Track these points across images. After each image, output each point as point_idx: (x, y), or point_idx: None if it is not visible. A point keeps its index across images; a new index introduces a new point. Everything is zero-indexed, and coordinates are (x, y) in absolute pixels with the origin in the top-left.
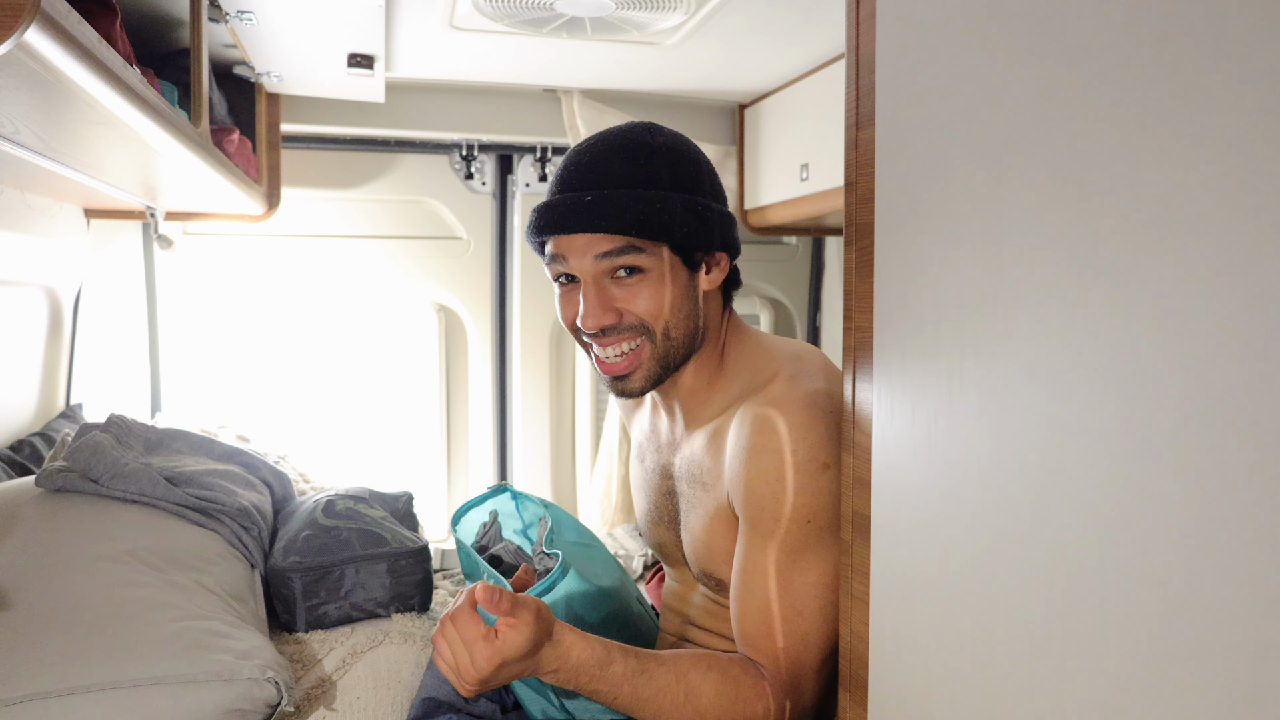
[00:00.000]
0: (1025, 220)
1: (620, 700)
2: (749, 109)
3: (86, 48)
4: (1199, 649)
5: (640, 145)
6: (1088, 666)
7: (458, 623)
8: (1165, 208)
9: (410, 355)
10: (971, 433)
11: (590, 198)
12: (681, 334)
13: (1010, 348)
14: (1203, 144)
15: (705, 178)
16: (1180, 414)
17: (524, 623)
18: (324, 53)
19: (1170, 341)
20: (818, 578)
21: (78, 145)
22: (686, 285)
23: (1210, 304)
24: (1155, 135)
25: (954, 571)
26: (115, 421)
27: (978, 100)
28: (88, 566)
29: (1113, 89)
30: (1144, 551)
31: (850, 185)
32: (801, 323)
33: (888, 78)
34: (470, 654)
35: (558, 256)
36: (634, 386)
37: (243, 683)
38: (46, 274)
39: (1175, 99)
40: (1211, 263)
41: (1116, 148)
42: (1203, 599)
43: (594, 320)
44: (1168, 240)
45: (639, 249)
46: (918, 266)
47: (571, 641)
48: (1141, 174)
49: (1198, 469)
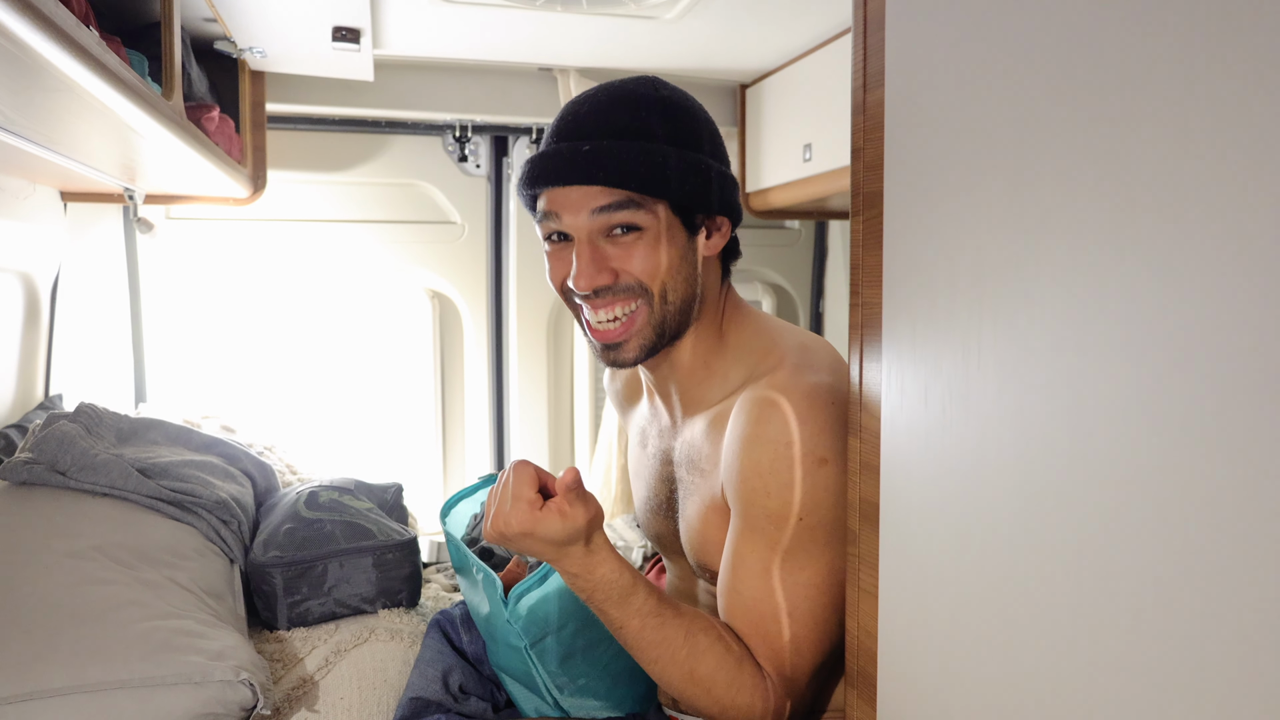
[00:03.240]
0: (1051, 181)
1: (625, 632)
2: (750, 89)
3: (31, 3)
4: (1243, 647)
5: (643, 98)
6: (1117, 665)
7: (517, 475)
8: (1207, 166)
9: (404, 343)
10: (990, 412)
11: (589, 148)
12: (679, 298)
13: (1034, 318)
14: (1252, 102)
15: (709, 137)
16: (1221, 391)
17: (573, 516)
18: (307, 26)
19: (1211, 310)
20: (809, 578)
21: (44, 119)
22: (685, 247)
23: (1252, 268)
24: (1202, 89)
25: (970, 563)
26: (85, 411)
27: (1001, 53)
28: (52, 564)
29: (1153, 39)
30: (1180, 541)
31: (857, 152)
32: (804, 309)
33: (899, 33)
34: (510, 509)
35: (550, 214)
36: (627, 356)
37: (214, 685)
38: (21, 259)
39: (1225, 50)
40: (1256, 225)
41: (1156, 102)
42: (1246, 593)
43: (588, 280)
44: (1212, 201)
45: (638, 204)
46: (931, 235)
47: (605, 557)
48: (1183, 130)
49: (1239, 451)
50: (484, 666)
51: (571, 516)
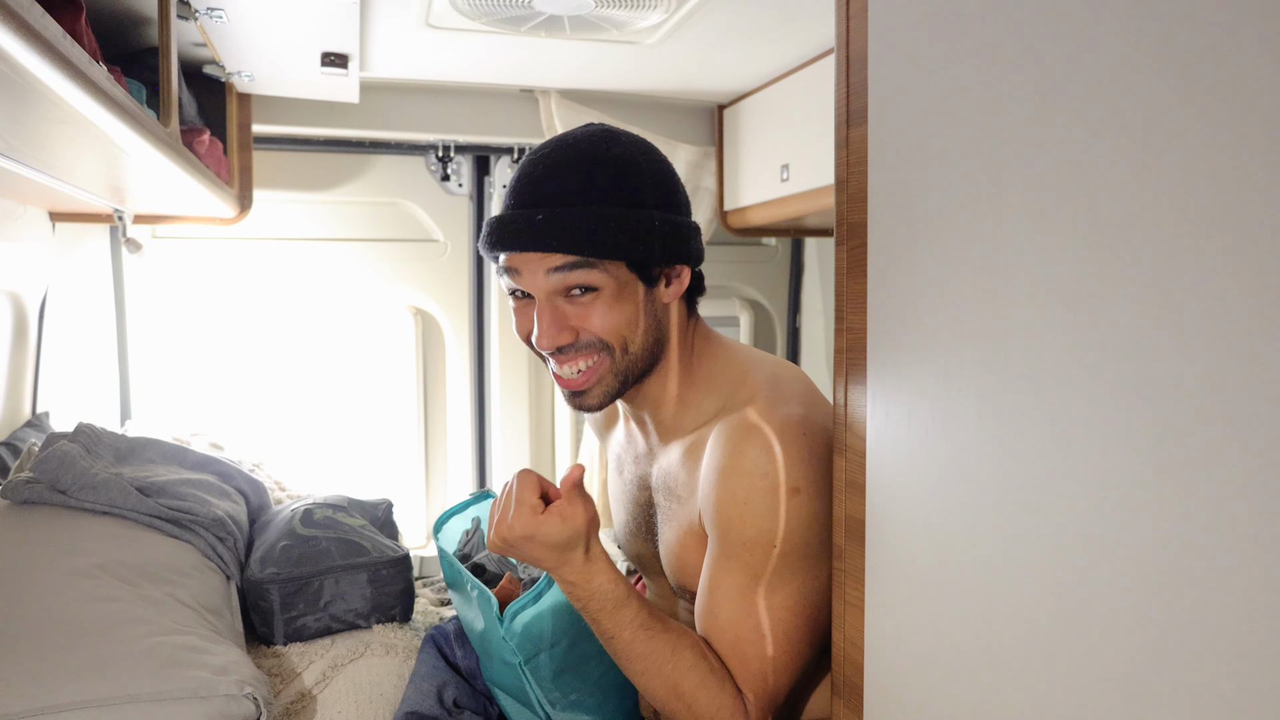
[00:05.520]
0: (1025, 218)
1: (616, 643)
2: (728, 109)
3: (50, 42)
4: (1206, 659)
5: (594, 158)
6: (1092, 675)
7: (521, 482)
8: (1171, 204)
9: (387, 360)
10: (970, 436)
11: (541, 216)
12: (640, 348)
13: (1010, 348)
14: (1209, 142)
15: (664, 191)
16: (1186, 417)
17: (573, 516)
18: (297, 52)
19: (1177, 342)
20: (783, 601)
21: (41, 145)
22: (644, 300)
23: (1217, 305)
24: (1161, 130)
25: (952, 577)
26: (84, 430)
27: (975, 95)
28: (57, 581)
29: (1116, 81)
30: (1148, 558)
31: (841, 184)
32: (781, 324)
33: (880, 74)
34: (513, 515)
35: (511, 270)
36: (591, 402)
37: (220, 699)
38: (10, 279)
39: (1179, 96)
40: (1219, 262)
41: (1121, 143)
42: (1210, 607)
43: (549, 340)
44: (1173, 238)
45: (591, 265)
46: (912, 266)
47: (602, 567)
48: (1147, 169)
49: (1203, 474)
50: (478, 681)
51: (571, 517)
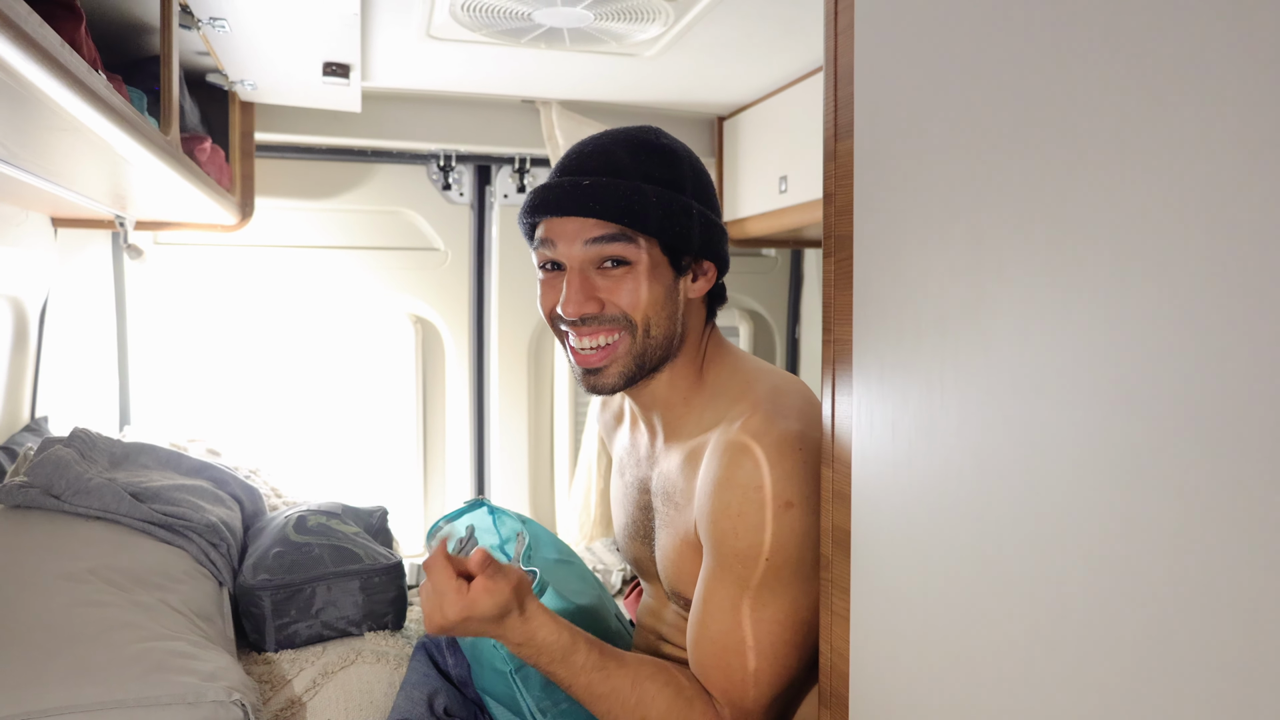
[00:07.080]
0: (1006, 231)
1: (575, 689)
2: (728, 121)
3: (49, 52)
4: (1186, 666)
5: (645, 142)
6: (1073, 682)
7: (431, 571)
8: (1147, 218)
9: (387, 368)
10: (953, 446)
11: (588, 182)
12: (661, 333)
13: (992, 360)
14: (1185, 155)
15: (703, 187)
16: (1164, 425)
17: (499, 590)
18: (299, 61)
19: (1153, 352)
20: (773, 614)
21: (44, 153)
22: (670, 286)
23: (1192, 314)
24: (1138, 145)
25: (937, 586)
26: (79, 435)
27: (957, 111)
28: (48, 585)
29: (1095, 99)
30: (1128, 565)
31: (829, 197)
32: (780, 335)
33: (866, 89)
34: (441, 602)
35: (547, 241)
36: (607, 382)
37: (208, 705)
38: (12, 284)
39: (1157, 110)
40: (1193, 273)
41: (1098, 158)
42: (1190, 614)
43: (575, 307)
44: (1149, 251)
45: (629, 239)
46: (897, 278)
47: (541, 622)
48: (1123, 184)
49: (1182, 481)
50: (469, 689)
51: (496, 590)
